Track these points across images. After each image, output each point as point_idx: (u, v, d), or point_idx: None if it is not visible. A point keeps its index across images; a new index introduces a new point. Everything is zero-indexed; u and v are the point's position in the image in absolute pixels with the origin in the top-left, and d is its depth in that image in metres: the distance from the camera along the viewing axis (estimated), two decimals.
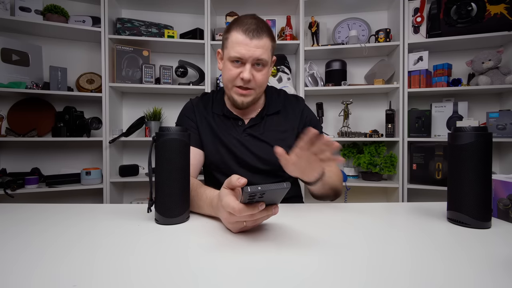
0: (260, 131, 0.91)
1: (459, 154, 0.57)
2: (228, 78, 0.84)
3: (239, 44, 0.79)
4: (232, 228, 0.53)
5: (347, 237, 0.51)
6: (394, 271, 0.37)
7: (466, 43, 1.92)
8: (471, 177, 0.56)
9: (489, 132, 0.56)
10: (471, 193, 0.56)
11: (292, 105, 0.97)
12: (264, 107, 0.94)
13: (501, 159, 2.00)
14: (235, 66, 0.82)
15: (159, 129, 0.59)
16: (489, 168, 0.56)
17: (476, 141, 0.55)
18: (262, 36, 0.80)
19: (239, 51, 0.79)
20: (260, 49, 0.80)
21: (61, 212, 0.66)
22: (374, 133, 1.97)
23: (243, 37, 0.79)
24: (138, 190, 2.22)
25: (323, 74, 2.15)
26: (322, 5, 2.07)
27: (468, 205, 0.56)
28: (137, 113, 2.16)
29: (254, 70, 0.82)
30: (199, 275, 0.36)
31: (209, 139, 0.90)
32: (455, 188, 0.58)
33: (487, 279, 0.35)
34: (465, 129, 0.57)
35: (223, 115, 0.92)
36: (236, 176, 0.51)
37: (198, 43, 1.98)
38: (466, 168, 0.56)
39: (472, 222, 0.56)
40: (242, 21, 0.81)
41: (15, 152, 1.99)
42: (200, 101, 0.96)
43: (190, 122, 0.92)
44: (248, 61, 0.80)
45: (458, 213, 0.57)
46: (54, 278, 0.35)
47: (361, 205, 0.73)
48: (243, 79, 0.81)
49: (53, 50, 2.02)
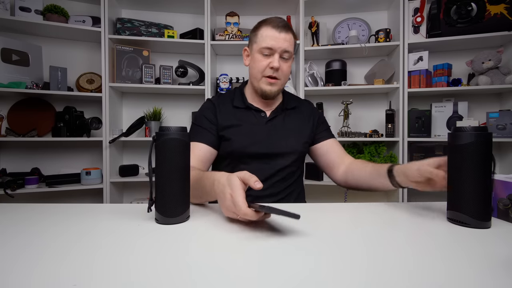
0: (281, 122, 1.00)
1: (459, 154, 0.57)
2: (259, 69, 0.93)
3: (269, 37, 0.90)
4: (225, 213, 0.59)
5: (347, 237, 0.51)
6: (394, 271, 0.37)
7: (466, 43, 1.92)
8: (470, 177, 0.55)
9: (489, 132, 0.56)
10: (471, 193, 0.56)
11: (305, 105, 1.09)
12: (282, 102, 1.03)
13: (501, 159, 2.00)
14: (264, 57, 0.91)
15: (159, 129, 0.59)
16: (489, 168, 0.56)
17: (476, 141, 0.55)
18: (288, 31, 0.91)
19: (269, 42, 0.89)
20: (288, 42, 0.90)
21: (61, 212, 0.66)
22: (374, 133, 1.97)
23: (272, 31, 0.90)
24: (138, 190, 2.22)
25: (323, 74, 2.15)
26: (322, 5, 2.07)
27: (468, 205, 0.56)
28: (137, 113, 2.16)
29: (281, 61, 0.91)
30: (199, 275, 0.36)
31: (231, 128, 0.95)
32: (454, 188, 0.58)
33: (487, 279, 0.35)
34: (465, 129, 0.57)
35: (245, 107, 0.99)
36: (254, 178, 0.55)
37: (198, 43, 1.98)
38: (465, 168, 0.56)
39: (472, 222, 0.55)
40: (271, 19, 0.93)
41: (15, 152, 1.99)
42: (220, 98, 1.04)
43: (208, 122, 0.96)
44: (277, 51, 0.90)
45: (458, 213, 0.57)
46: (54, 278, 0.35)
47: (361, 205, 0.73)
48: (273, 67, 0.90)
49: (53, 50, 2.02)
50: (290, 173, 0.97)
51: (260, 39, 0.91)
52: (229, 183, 0.56)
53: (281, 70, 0.92)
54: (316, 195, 2.09)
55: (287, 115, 1.02)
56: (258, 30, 0.93)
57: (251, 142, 0.94)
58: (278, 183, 0.95)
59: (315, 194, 2.04)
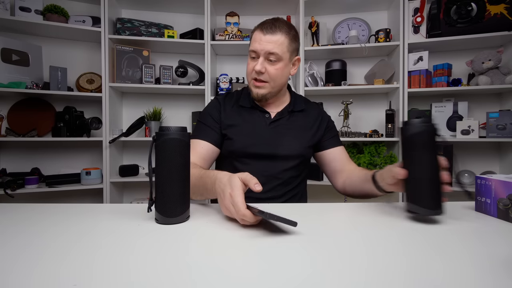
0: (286, 124, 0.98)
1: (404, 147, 0.60)
2: (247, 72, 0.94)
3: (255, 40, 0.89)
4: (224, 212, 0.59)
5: (346, 237, 0.51)
6: (394, 271, 0.37)
7: (466, 43, 1.92)
8: (415, 167, 0.58)
9: (432, 123, 0.57)
10: (416, 182, 0.58)
11: (313, 108, 1.06)
12: (290, 104, 1.01)
13: (501, 159, 2.00)
14: (252, 60, 0.91)
15: (159, 129, 0.59)
16: (434, 157, 0.57)
17: (420, 132, 0.57)
18: (275, 32, 0.87)
19: (254, 45, 0.89)
20: (272, 44, 0.87)
21: (61, 212, 0.66)
22: (374, 133, 1.97)
23: (259, 34, 0.88)
24: (138, 190, 2.22)
25: (323, 74, 2.15)
26: (322, 5, 2.07)
27: (415, 194, 0.58)
28: (137, 113, 2.16)
29: (267, 64, 0.89)
30: (199, 275, 0.36)
31: (234, 127, 0.95)
32: (407, 179, 0.60)
33: (487, 279, 0.35)
34: (410, 122, 0.59)
35: (251, 107, 0.98)
36: (255, 180, 0.55)
37: (198, 43, 1.98)
38: (409, 158, 0.59)
39: (421, 211, 0.57)
40: (263, 22, 0.91)
41: (15, 152, 1.99)
42: (226, 97, 1.03)
43: (212, 120, 0.96)
44: (260, 54, 0.88)
45: (410, 203, 0.59)
46: (54, 278, 0.35)
47: (360, 205, 0.73)
48: (255, 70, 0.89)
49: (53, 50, 2.02)
50: (291, 177, 0.96)
51: (251, 42, 0.92)
52: (230, 182, 0.57)
53: (267, 73, 0.90)
54: (316, 195, 2.09)
55: (293, 117, 1.00)
56: (252, 33, 0.93)
57: (252, 142, 0.93)
58: (279, 186, 0.93)
59: (315, 194, 2.04)
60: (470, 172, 1.93)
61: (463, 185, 0.68)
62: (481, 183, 0.65)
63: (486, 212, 0.64)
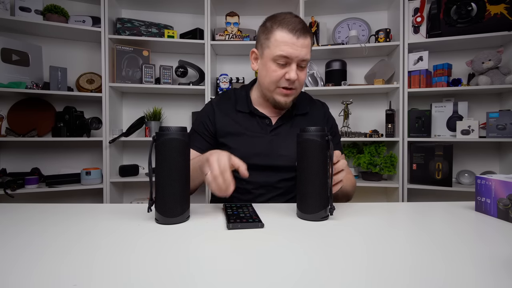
0: (288, 130, 0.91)
1: (299, 151, 0.62)
2: (272, 79, 0.82)
3: (286, 43, 0.77)
4: (208, 176, 0.61)
5: (346, 237, 0.51)
6: (394, 271, 0.37)
7: (466, 43, 1.92)
8: (303, 173, 0.61)
9: (324, 133, 0.60)
10: (302, 187, 0.61)
11: (318, 109, 0.99)
12: (292, 106, 0.92)
13: (501, 159, 2.00)
14: (280, 66, 0.80)
15: (159, 129, 0.59)
16: (321, 164, 0.60)
17: (311, 140, 0.59)
18: (307, 35, 0.79)
19: (286, 50, 0.77)
20: (306, 49, 0.79)
21: (61, 212, 0.66)
22: (374, 133, 1.97)
23: (289, 36, 0.77)
24: (138, 190, 2.22)
25: (323, 74, 2.15)
26: (322, 5, 2.07)
27: (300, 199, 0.62)
28: (137, 113, 2.16)
29: (298, 70, 0.81)
30: (199, 275, 0.36)
31: (232, 136, 0.89)
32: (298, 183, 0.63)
33: (487, 279, 0.35)
34: (307, 129, 0.61)
35: (249, 113, 0.91)
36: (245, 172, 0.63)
37: (198, 43, 1.98)
38: (303, 163, 0.61)
39: (301, 216, 0.61)
40: (285, 19, 0.79)
41: (15, 152, 1.99)
42: (221, 99, 0.96)
43: (203, 128, 0.92)
44: (294, 61, 0.79)
45: (298, 210, 0.63)
46: (54, 278, 0.35)
47: (361, 205, 0.73)
48: (290, 79, 0.80)
49: (53, 50, 2.02)
50: (291, 186, 0.90)
51: (274, 45, 0.79)
52: (222, 152, 0.64)
53: (298, 80, 0.81)
54: None
55: (295, 122, 0.92)
56: (270, 33, 0.80)
57: (252, 153, 0.87)
58: (278, 196, 0.88)
59: None
60: (470, 172, 1.93)
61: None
62: (481, 183, 0.65)
63: (486, 212, 0.64)
